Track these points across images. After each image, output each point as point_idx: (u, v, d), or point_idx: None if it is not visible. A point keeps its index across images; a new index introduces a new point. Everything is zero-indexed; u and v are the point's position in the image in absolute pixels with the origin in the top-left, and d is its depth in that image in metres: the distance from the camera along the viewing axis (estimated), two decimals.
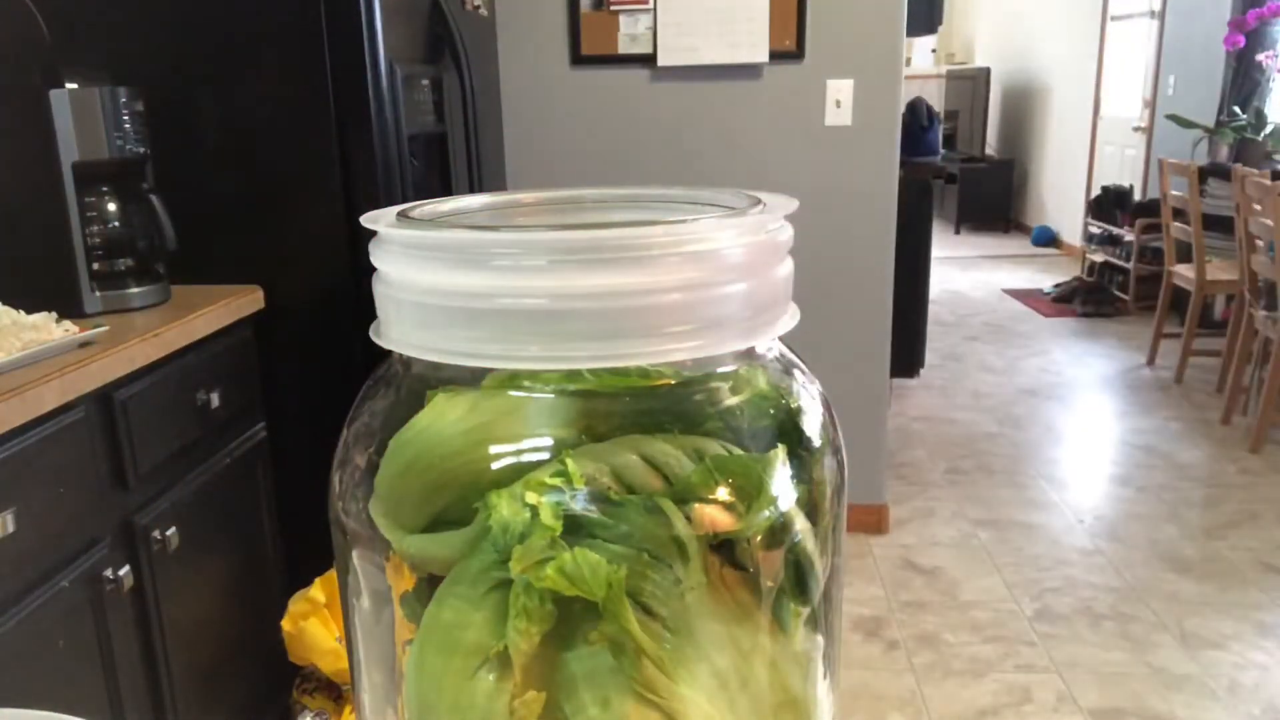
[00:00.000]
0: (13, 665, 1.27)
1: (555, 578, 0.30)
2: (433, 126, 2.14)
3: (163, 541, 1.57)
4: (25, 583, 1.31)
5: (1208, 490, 3.36)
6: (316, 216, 1.89)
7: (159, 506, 1.59)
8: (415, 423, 0.34)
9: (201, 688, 1.72)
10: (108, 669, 1.48)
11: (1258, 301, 3.80)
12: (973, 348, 5.16)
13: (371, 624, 0.37)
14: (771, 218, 0.34)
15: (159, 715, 1.61)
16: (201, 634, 1.72)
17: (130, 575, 1.49)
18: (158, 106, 1.75)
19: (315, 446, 1.88)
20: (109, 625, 1.46)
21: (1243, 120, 5.15)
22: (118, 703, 1.50)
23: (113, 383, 1.46)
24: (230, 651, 1.83)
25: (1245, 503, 3.24)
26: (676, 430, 0.33)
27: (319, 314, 1.93)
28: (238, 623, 1.85)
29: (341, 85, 1.85)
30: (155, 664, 1.59)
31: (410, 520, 0.34)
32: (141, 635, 1.56)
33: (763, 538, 0.33)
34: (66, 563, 1.39)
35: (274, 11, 1.82)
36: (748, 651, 0.33)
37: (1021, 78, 8.68)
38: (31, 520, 1.29)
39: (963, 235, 8.59)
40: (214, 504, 1.76)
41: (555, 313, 0.30)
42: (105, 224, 1.68)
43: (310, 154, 1.87)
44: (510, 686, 0.31)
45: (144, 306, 1.71)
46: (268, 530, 1.95)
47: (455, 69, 2.18)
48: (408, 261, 0.33)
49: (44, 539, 1.33)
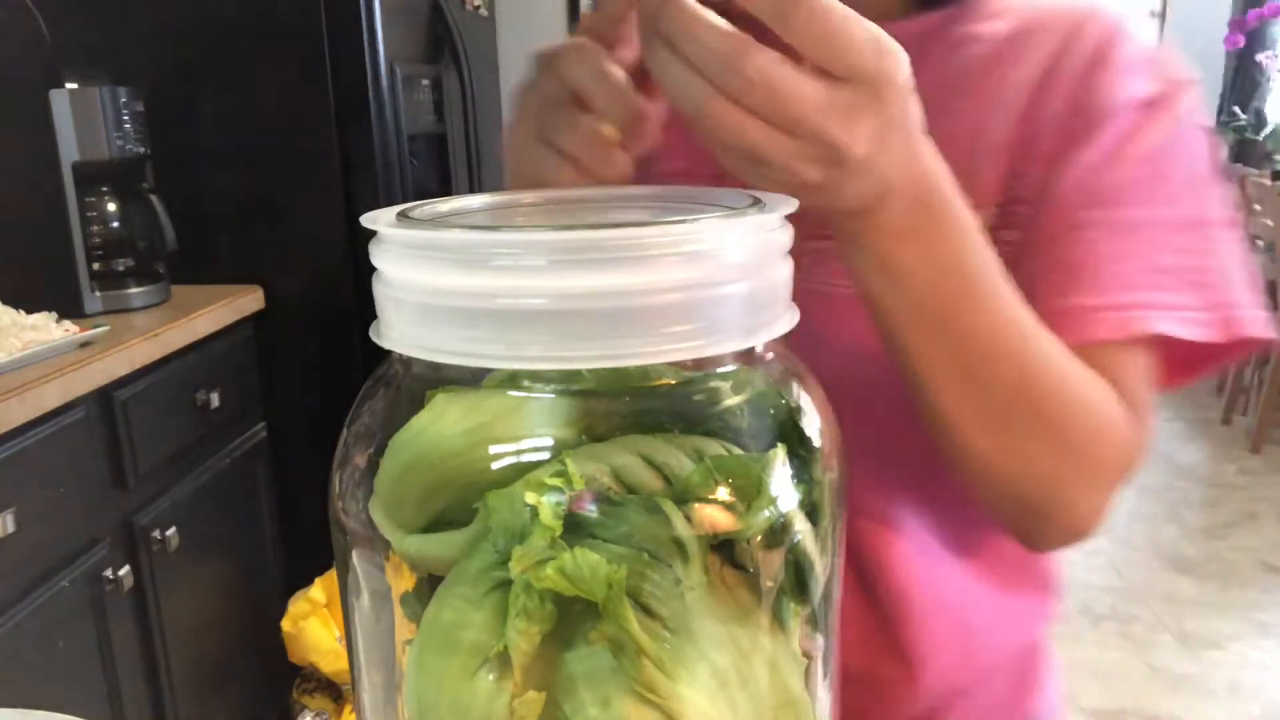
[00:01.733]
0: (13, 665, 1.27)
1: (555, 578, 0.30)
2: (433, 126, 2.14)
3: (163, 541, 1.57)
4: (25, 583, 1.31)
5: (1208, 490, 3.36)
6: (316, 216, 1.89)
7: (159, 506, 1.59)
8: (415, 423, 0.34)
9: (201, 688, 1.72)
10: (108, 669, 1.48)
11: None
12: None
13: (371, 624, 0.38)
14: (771, 218, 0.34)
15: (159, 715, 1.60)
16: (201, 634, 1.72)
17: (130, 575, 1.49)
18: (158, 106, 1.75)
19: (315, 446, 1.89)
20: (109, 625, 1.46)
21: (1243, 120, 5.15)
22: (118, 703, 1.50)
23: (113, 383, 1.46)
24: (230, 651, 1.83)
25: (1245, 503, 3.24)
26: (676, 430, 0.33)
27: (319, 314, 1.93)
28: (238, 623, 1.85)
29: (341, 85, 1.85)
30: (155, 664, 1.59)
31: (410, 520, 0.34)
32: (141, 635, 1.56)
33: (763, 538, 0.33)
34: (66, 563, 1.39)
35: (274, 12, 1.82)
36: (748, 651, 0.33)
37: None
38: (31, 520, 1.29)
39: None
40: (214, 504, 1.76)
41: (555, 313, 0.30)
42: (105, 224, 1.68)
43: (310, 154, 1.87)
44: (510, 686, 0.31)
45: (144, 306, 1.71)
46: (268, 530, 1.95)
47: (455, 69, 2.18)
48: (408, 261, 0.33)
49: (44, 539, 1.33)
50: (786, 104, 0.37)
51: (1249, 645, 2.44)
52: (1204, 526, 3.09)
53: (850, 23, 0.38)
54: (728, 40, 0.37)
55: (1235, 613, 2.59)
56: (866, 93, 0.38)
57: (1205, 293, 0.57)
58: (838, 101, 0.38)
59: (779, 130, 0.38)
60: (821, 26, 0.37)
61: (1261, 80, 5.30)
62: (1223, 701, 2.23)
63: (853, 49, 0.38)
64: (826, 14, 0.37)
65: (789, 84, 0.37)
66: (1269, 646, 2.44)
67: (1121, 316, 0.55)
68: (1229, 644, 2.45)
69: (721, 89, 0.37)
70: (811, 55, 0.37)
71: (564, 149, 0.45)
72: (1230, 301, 0.57)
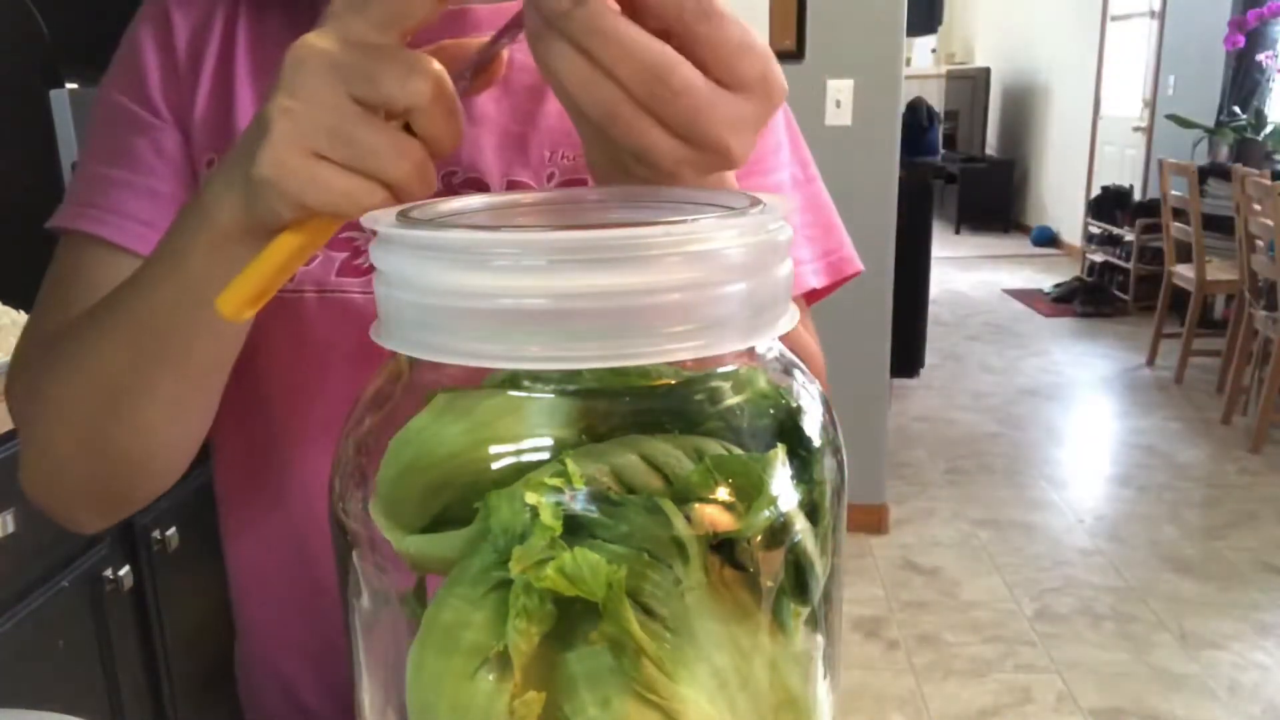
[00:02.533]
0: (13, 665, 1.27)
1: (555, 578, 0.30)
2: None
3: (163, 541, 1.57)
4: (25, 583, 1.31)
5: (1208, 490, 3.36)
6: None
7: (159, 506, 1.59)
8: (415, 423, 0.34)
9: (201, 688, 1.72)
10: (108, 669, 1.48)
11: (1258, 301, 3.81)
12: (972, 348, 5.17)
13: (371, 624, 0.38)
14: (771, 218, 0.34)
15: (159, 715, 1.61)
16: (201, 634, 1.72)
17: (130, 575, 1.50)
18: None
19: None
20: (109, 625, 1.46)
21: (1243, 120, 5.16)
22: (118, 703, 1.50)
23: None
24: (230, 651, 1.83)
25: (1245, 503, 3.25)
26: (676, 430, 0.33)
27: None
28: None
29: None
30: (155, 664, 1.59)
31: (410, 520, 0.34)
32: (141, 635, 1.56)
33: (762, 538, 0.33)
34: (66, 563, 1.39)
35: None
36: (748, 651, 0.33)
37: (1021, 78, 8.69)
38: (31, 520, 1.29)
39: (963, 235, 8.60)
40: (214, 504, 1.76)
41: (555, 313, 0.31)
42: None
43: None
44: (510, 687, 0.32)
45: None
46: None
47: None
48: (408, 261, 0.33)
49: (44, 539, 1.33)
50: (699, 117, 0.38)
51: (1249, 645, 2.45)
52: (1204, 526, 3.10)
53: (749, 34, 0.38)
54: (658, 52, 0.37)
55: (1235, 613, 2.59)
56: (758, 101, 0.39)
57: (817, 244, 0.68)
58: (741, 113, 0.39)
59: (679, 137, 0.38)
60: (726, 36, 0.37)
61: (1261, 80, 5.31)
62: (1223, 701, 2.23)
63: (749, 58, 0.38)
64: (731, 24, 0.38)
65: (706, 98, 0.37)
66: (1269, 646, 2.44)
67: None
68: (1229, 644, 2.45)
69: (639, 98, 0.37)
70: (714, 64, 0.38)
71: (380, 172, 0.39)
72: (833, 248, 0.69)
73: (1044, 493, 3.38)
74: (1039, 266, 7.27)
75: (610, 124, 0.38)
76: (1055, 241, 8.01)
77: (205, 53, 0.63)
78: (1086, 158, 7.53)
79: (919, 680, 2.33)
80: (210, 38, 0.63)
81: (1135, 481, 3.46)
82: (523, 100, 0.62)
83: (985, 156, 8.97)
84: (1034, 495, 3.36)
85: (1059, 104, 8.07)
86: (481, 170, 0.61)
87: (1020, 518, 3.18)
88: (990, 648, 2.44)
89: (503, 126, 0.62)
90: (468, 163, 0.61)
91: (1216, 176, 4.72)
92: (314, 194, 0.39)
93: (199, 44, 0.63)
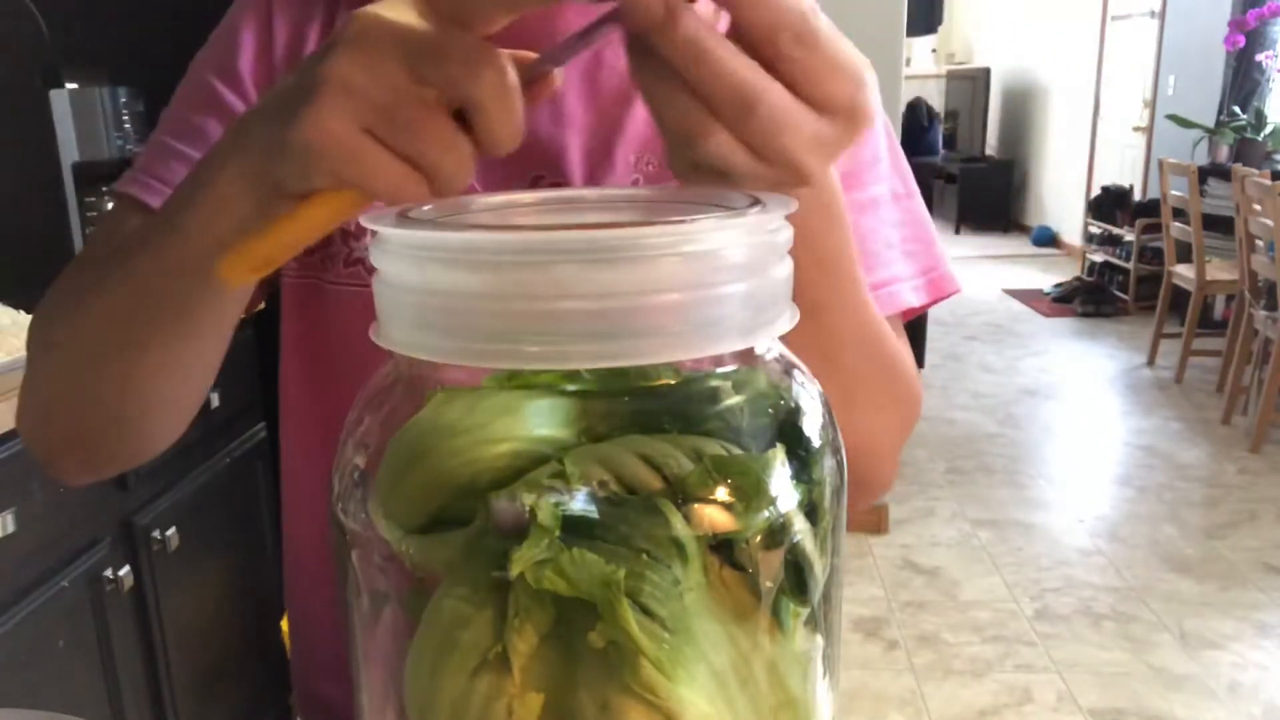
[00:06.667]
0: (13, 665, 1.27)
1: (554, 578, 0.30)
2: None
3: (163, 541, 1.57)
4: (25, 583, 1.31)
5: (1208, 490, 3.36)
6: None
7: (159, 506, 1.59)
8: (415, 423, 0.34)
9: (201, 688, 1.72)
10: (108, 669, 1.48)
11: (1258, 301, 3.80)
12: (972, 347, 5.16)
13: (371, 624, 0.38)
14: (771, 218, 0.34)
15: (159, 715, 1.61)
16: (201, 634, 1.72)
17: (130, 575, 1.50)
18: (158, 106, 1.75)
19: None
20: (109, 625, 1.46)
21: (1243, 120, 5.16)
22: (118, 703, 1.50)
23: None
24: (230, 651, 1.83)
25: (1245, 503, 3.24)
26: (676, 430, 0.33)
27: None
28: (238, 623, 1.85)
29: None
30: (155, 664, 1.59)
31: (410, 520, 0.34)
32: (141, 635, 1.56)
33: (762, 538, 0.33)
34: (66, 563, 1.39)
35: None
36: (747, 652, 0.33)
37: (1021, 78, 8.68)
38: (31, 520, 1.29)
39: (963, 235, 8.60)
40: (214, 504, 1.76)
41: (554, 313, 0.31)
42: None
43: None
44: (510, 687, 0.32)
45: None
46: (268, 530, 1.95)
47: None
48: (408, 261, 0.33)
49: (44, 539, 1.33)
50: (784, 141, 0.37)
51: (1249, 645, 2.44)
52: (1204, 526, 3.09)
53: (843, 53, 0.37)
54: (747, 78, 0.35)
55: (1235, 613, 2.59)
56: (842, 125, 0.38)
57: (917, 260, 0.65)
58: (823, 135, 0.37)
59: (760, 158, 0.37)
60: (821, 60, 0.36)
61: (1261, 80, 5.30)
62: (1223, 701, 2.23)
63: (839, 82, 0.37)
64: (825, 45, 0.36)
65: (791, 121, 0.36)
66: (1269, 646, 2.44)
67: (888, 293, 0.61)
68: (1229, 644, 2.45)
69: (724, 119, 0.36)
70: (803, 83, 0.37)
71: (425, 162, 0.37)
72: (933, 265, 0.65)
73: (1044, 493, 3.38)
74: (1039, 266, 7.27)
75: (690, 140, 0.37)
76: (1055, 241, 8.01)
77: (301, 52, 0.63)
78: (1086, 158, 7.52)
79: (919, 680, 2.33)
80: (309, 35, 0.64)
81: (1135, 481, 3.46)
82: (609, 104, 0.61)
83: (985, 156, 8.96)
84: (1034, 495, 3.36)
85: (1059, 104, 8.07)
86: (566, 174, 0.60)
87: (1020, 518, 3.18)
88: (990, 648, 2.44)
89: (589, 129, 0.61)
90: (554, 166, 0.60)
91: (1216, 176, 4.72)
92: (354, 170, 0.37)
93: (296, 44, 0.63)
